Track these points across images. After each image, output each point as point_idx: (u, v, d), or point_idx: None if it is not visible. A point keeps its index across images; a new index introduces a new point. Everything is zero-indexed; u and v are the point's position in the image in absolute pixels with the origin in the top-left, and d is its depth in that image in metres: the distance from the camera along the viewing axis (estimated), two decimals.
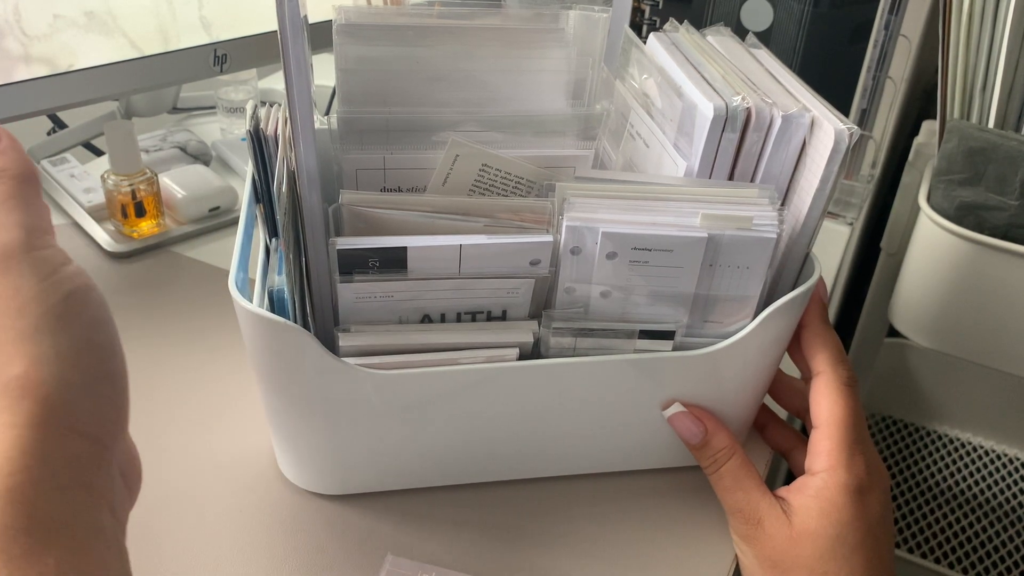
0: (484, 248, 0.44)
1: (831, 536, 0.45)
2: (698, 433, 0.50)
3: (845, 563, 0.44)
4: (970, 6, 0.72)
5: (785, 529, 0.45)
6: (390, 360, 0.45)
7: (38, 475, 0.28)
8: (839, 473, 0.46)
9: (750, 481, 0.48)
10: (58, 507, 0.29)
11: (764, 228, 0.45)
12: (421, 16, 0.50)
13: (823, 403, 0.48)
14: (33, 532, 0.28)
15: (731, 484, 0.48)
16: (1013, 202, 0.68)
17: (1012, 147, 0.68)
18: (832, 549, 0.44)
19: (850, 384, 0.48)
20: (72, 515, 0.29)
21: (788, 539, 0.45)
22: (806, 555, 0.45)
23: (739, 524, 0.48)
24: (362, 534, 0.50)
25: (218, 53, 0.71)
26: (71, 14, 0.62)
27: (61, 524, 0.29)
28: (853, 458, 0.46)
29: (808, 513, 0.45)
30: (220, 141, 0.91)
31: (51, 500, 0.29)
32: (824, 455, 0.46)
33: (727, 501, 0.49)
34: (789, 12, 0.87)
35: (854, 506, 0.45)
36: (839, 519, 0.45)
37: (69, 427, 0.30)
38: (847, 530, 0.45)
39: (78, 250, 0.74)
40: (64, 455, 0.30)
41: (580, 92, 0.52)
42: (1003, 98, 0.72)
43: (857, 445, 0.46)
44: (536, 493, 0.53)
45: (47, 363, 0.30)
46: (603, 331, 0.47)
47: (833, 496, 0.45)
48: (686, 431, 0.50)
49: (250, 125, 0.46)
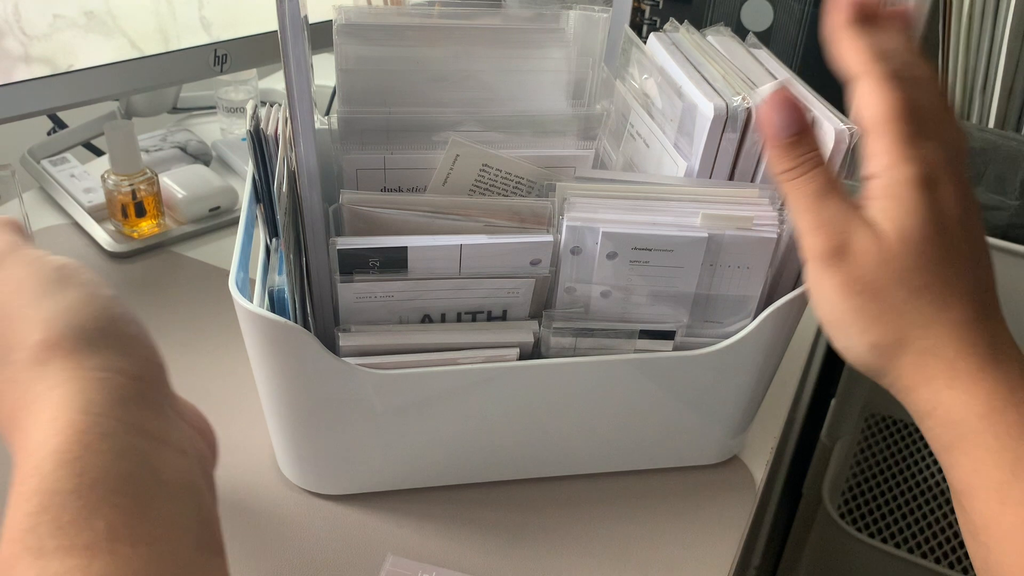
0: (484, 248, 0.44)
1: (923, 239, 0.37)
2: (796, 124, 0.40)
3: (941, 270, 0.37)
4: (970, 6, 0.72)
5: (876, 243, 0.38)
6: (390, 360, 0.45)
7: (82, 426, 0.29)
8: (902, 167, 0.37)
9: (842, 190, 0.39)
10: (108, 459, 0.28)
11: (764, 228, 0.45)
12: (421, 16, 0.50)
13: (865, 103, 0.39)
14: (82, 493, 0.27)
15: (821, 190, 0.39)
16: (1013, 202, 0.68)
17: (1012, 147, 0.68)
18: (926, 255, 0.37)
19: (898, 75, 0.39)
20: (126, 467, 0.29)
21: (880, 252, 0.38)
22: (902, 267, 0.37)
23: (823, 242, 0.39)
24: (362, 534, 0.50)
25: (218, 53, 0.71)
26: (71, 14, 0.62)
27: (114, 479, 0.28)
28: (915, 151, 0.38)
29: (892, 215, 0.38)
30: (220, 141, 0.91)
31: (100, 452, 0.28)
32: (880, 155, 0.38)
33: (811, 214, 0.39)
34: (789, 12, 0.87)
35: (931, 203, 0.37)
36: (923, 218, 0.37)
37: (101, 368, 0.31)
38: (934, 230, 0.37)
39: (78, 250, 0.74)
40: (106, 397, 0.30)
41: (580, 92, 0.52)
42: (1003, 98, 0.72)
43: (917, 138, 0.38)
44: (536, 493, 0.53)
45: (57, 319, 0.31)
46: (603, 331, 0.47)
47: (906, 193, 0.37)
48: (784, 117, 0.40)
49: (250, 125, 0.46)
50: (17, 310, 0.32)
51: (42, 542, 0.27)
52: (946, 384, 0.37)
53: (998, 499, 0.35)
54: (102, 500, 0.28)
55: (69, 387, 0.30)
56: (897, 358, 0.39)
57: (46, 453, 0.28)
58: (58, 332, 0.31)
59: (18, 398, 0.30)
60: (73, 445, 0.28)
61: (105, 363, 0.31)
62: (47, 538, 0.27)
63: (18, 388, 0.31)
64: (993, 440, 0.35)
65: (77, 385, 0.30)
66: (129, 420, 0.30)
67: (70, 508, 0.27)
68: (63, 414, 0.29)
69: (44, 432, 0.29)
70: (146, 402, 0.31)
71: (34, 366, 0.31)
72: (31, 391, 0.30)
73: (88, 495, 0.27)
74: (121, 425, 0.29)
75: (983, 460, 0.36)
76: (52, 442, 0.28)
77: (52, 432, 0.28)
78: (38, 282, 0.33)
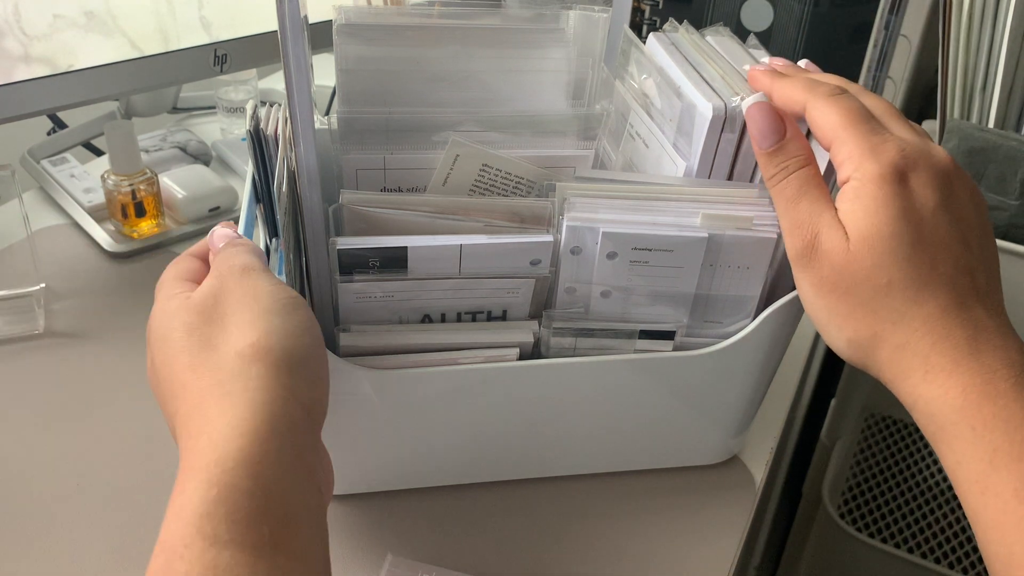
0: (484, 248, 0.44)
1: (885, 237, 0.38)
2: (776, 133, 0.42)
3: (908, 266, 0.38)
4: (970, 6, 0.72)
5: (842, 243, 0.39)
6: (390, 360, 0.45)
7: (265, 435, 0.32)
8: (867, 166, 0.38)
9: (818, 191, 0.41)
10: (278, 472, 0.32)
11: (764, 228, 0.45)
12: (421, 16, 0.50)
13: (819, 122, 0.41)
14: (256, 495, 0.30)
15: (795, 193, 0.41)
16: (1013, 202, 0.68)
17: (1012, 147, 0.68)
18: (890, 252, 0.38)
19: (834, 92, 0.41)
20: (288, 484, 0.32)
21: (845, 253, 0.38)
22: (866, 267, 0.38)
23: (796, 242, 0.40)
24: (362, 534, 0.50)
25: (218, 53, 0.71)
26: (71, 14, 0.62)
27: (279, 491, 0.31)
28: (878, 146, 0.39)
29: (854, 217, 0.38)
30: (220, 141, 0.91)
31: (273, 464, 0.32)
32: (847, 160, 0.39)
33: (788, 216, 0.41)
34: (789, 12, 0.87)
35: (898, 197, 0.38)
36: (887, 215, 0.38)
37: (290, 391, 0.35)
38: (900, 225, 0.38)
39: (78, 250, 0.74)
40: (285, 419, 0.33)
41: (580, 92, 0.52)
42: (1003, 98, 0.72)
43: (876, 134, 0.39)
44: (536, 493, 0.53)
45: (275, 335, 0.36)
46: (603, 331, 0.47)
47: (871, 191, 0.38)
48: (762, 127, 0.42)
49: (250, 125, 0.46)
50: (244, 311, 0.36)
51: (217, 531, 0.29)
52: (922, 378, 0.38)
53: (979, 490, 0.35)
54: (268, 509, 0.31)
55: (261, 396, 0.33)
56: (874, 353, 0.39)
57: (230, 449, 0.31)
58: (269, 344, 0.35)
59: (212, 383, 0.34)
60: (255, 450, 0.31)
61: (295, 389, 0.35)
62: (222, 529, 0.29)
63: (216, 374, 0.34)
64: (970, 432, 0.36)
65: (268, 396, 0.33)
66: (297, 445, 0.34)
67: (243, 507, 0.30)
68: (251, 419, 0.32)
69: (231, 428, 0.32)
70: (309, 436, 0.35)
71: (239, 360, 0.34)
72: (227, 383, 0.34)
73: (260, 500, 0.30)
74: (293, 448, 0.33)
75: (963, 452, 0.36)
76: (237, 441, 0.31)
77: (238, 432, 0.32)
78: (272, 299, 0.37)
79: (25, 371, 0.61)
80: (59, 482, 0.53)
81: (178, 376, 0.35)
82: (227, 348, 0.35)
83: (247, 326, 0.35)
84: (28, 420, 0.57)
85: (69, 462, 0.54)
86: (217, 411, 0.33)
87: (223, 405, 0.33)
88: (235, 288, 0.37)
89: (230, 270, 0.38)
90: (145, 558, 0.48)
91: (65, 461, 0.54)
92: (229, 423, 0.32)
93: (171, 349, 0.36)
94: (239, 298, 0.37)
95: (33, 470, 0.53)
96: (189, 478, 0.31)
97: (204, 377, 0.34)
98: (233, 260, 0.39)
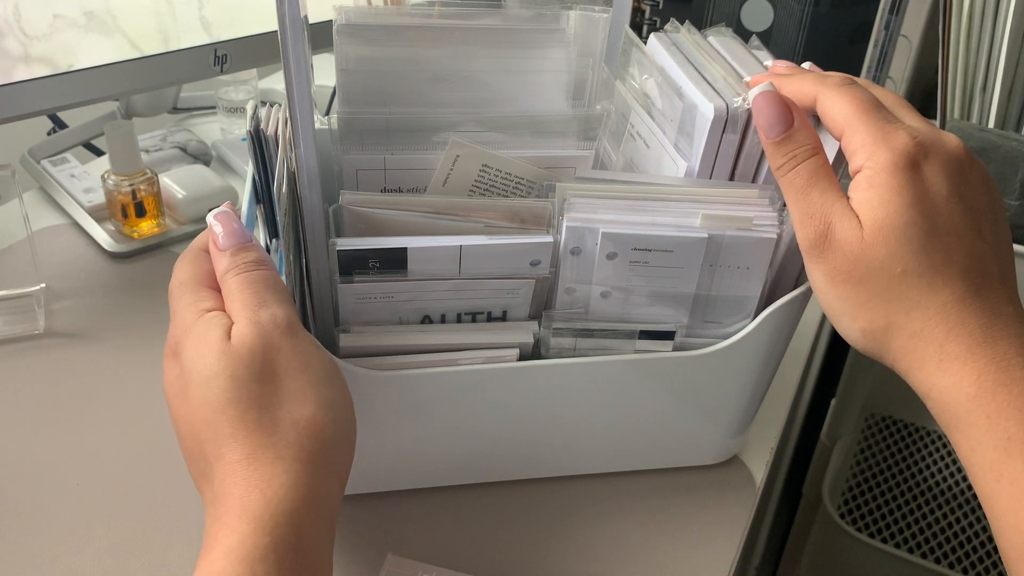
0: (484, 248, 0.44)
1: (899, 225, 0.37)
2: (783, 123, 0.41)
3: (922, 254, 0.37)
4: (970, 6, 0.72)
5: (856, 232, 0.38)
6: (390, 361, 0.45)
7: (308, 502, 0.35)
8: (879, 154, 0.38)
9: (828, 181, 0.40)
10: (314, 531, 0.35)
11: (764, 228, 0.45)
12: (421, 16, 0.50)
13: (830, 112, 0.41)
14: (300, 550, 0.34)
15: (805, 183, 0.40)
16: (1013, 202, 0.68)
17: (1012, 147, 0.68)
18: (905, 241, 0.37)
19: (845, 82, 0.42)
20: (320, 543, 0.36)
21: (859, 242, 0.38)
22: (880, 256, 0.38)
23: (809, 232, 0.40)
24: (362, 534, 0.50)
25: (218, 53, 0.71)
26: (71, 14, 0.62)
27: (314, 548, 0.35)
28: (890, 135, 0.39)
29: (868, 206, 0.38)
30: (220, 141, 0.91)
31: (312, 525, 0.35)
32: (859, 148, 0.39)
33: (798, 205, 0.41)
34: (789, 12, 0.87)
35: (912, 185, 0.38)
36: (901, 203, 0.38)
37: (331, 465, 0.37)
38: (914, 213, 0.37)
39: (78, 250, 0.74)
40: (324, 489, 0.36)
41: (580, 92, 0.52)
42: (1003, 98, 0.72)
43: (888, 123, 0.39)
44: (536, 493, 0.53)
45: (328, 409, 0.38)
46: (603, 332, 0.47)
47: (884, 180, 0.38)
48: (770, 117, 0.41)
49: (250, 125, 0.46)
50: (298, 379, 0.37)
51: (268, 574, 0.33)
52: (937, 367, 0.37)
53: (994, 478, 0.35)
54: (306, 561, 0.34)
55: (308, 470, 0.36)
56: (889, 342, 0.39)
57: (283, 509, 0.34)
58: (324, 420, 0.37)
59: (265, 444, 0.36)
60: (301, 518, 0.35)
61: (333, 462, 0.38)
62: (273, 572, 0.33)
63: (270, 436, 0.36)
64: (984, 420, 0.36)
65: (313, 470, 0.36)
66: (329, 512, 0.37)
67: (289, 559, 0.34)
68: (298, 487, 0.35)
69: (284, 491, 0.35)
70: (337, 502, 0.38)
71: (294, 430, 0.36)
72: (280, 447, 0.36)
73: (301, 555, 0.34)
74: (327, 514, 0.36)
75: (978, 440, 0.36)
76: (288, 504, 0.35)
77: (289, 498, 0.35)
78: (321, 367, 0.38)
79: (25, 371, 0.61)
80: (59, 482, 0.53)
81: (224, 427, 0.36)
82: (283, 415, 0.36)
83: (301, 395, 0.37)
84: (28, 420, 0.57)
85: (69, 462, 0.54)
86: (269, 472, 0.35)
87: (275, 468, 0.35)
88: (283, 347, 0.38)
89: (274, 324, 0.38)
90: (145, 558, 0.48)
91: (65, 461, 0.54)
92: (283, 485, 0.35)
93: (215, 396, 0.36)
94: (289, 360, 0.37)
95: (33, 470, 0.53)
96: (242, 523, 0.34)
97: (256, 435, 0.36)
98: (273, 310, 0.38)
